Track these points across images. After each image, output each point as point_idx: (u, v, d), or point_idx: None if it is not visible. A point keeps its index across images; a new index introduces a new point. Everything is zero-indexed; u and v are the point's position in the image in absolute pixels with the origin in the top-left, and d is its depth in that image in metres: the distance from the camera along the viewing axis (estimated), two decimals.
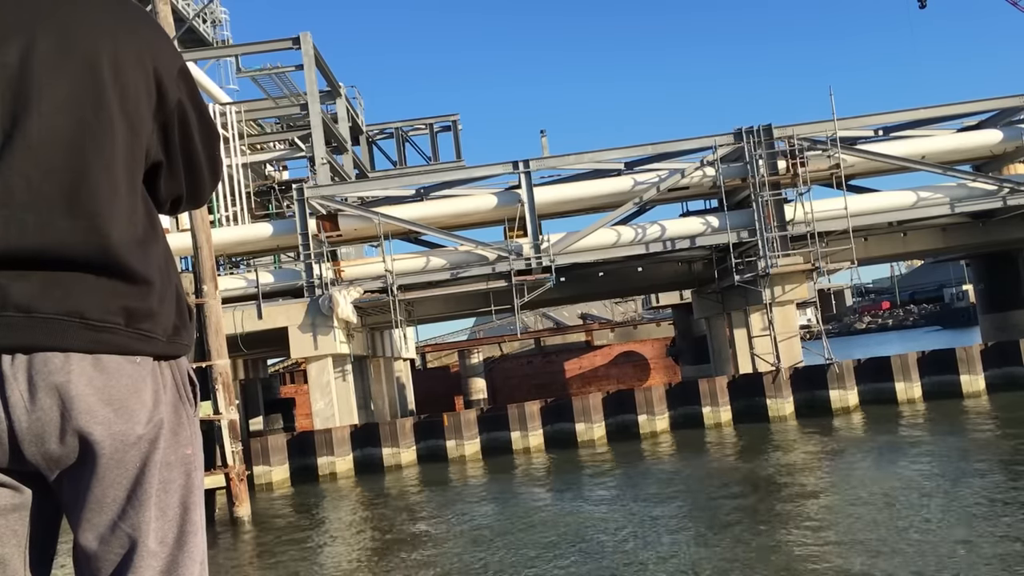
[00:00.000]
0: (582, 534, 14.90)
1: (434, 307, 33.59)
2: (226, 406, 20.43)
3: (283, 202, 38.35)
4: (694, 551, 13.02)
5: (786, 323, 29.18)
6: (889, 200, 30.48)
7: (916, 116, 31.28)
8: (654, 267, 33.10)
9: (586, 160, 31.11)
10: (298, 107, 35.69)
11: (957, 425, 23.43)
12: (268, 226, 32.10)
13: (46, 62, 1.55)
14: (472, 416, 28.28)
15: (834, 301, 40.02)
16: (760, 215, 28.98)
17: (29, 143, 1.52)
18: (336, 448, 26.86)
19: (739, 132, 29.48)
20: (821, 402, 27.89)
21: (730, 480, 19.23)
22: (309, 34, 33.89)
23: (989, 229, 31.79)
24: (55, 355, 1.51)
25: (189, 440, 1.67)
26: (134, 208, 1.61)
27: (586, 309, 60.94)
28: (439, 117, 47.87)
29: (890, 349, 48.60)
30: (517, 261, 29.35)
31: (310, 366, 29.10)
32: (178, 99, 1.69)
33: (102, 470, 1.55)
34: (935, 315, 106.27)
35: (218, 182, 1.87)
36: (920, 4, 69.04)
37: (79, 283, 1.54)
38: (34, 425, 1.50)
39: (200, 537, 1.68)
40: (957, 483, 15.71)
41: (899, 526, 13.00)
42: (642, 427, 27.68)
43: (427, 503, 21.10)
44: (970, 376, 28.00)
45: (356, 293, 28.89)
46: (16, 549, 1.59)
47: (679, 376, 43.66)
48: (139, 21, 1.67)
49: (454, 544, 15.63)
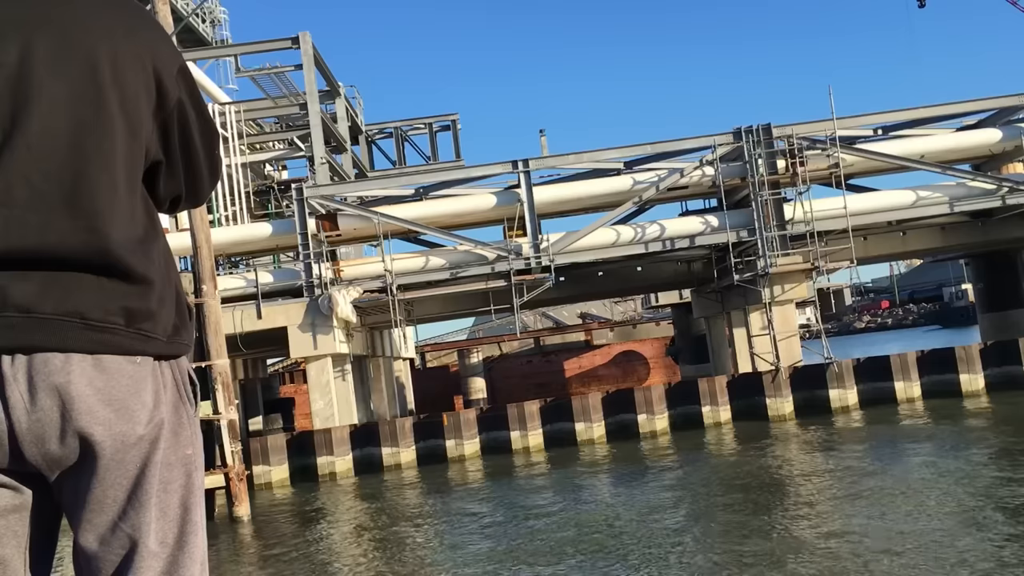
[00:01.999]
0: (582, 534, 14.90)
1: (433, 307, 33.59)
2: (226, 406, 20.43)
3: (282, 202, 38.31)
4: (694, 552, 13.03)
5: (785, 322, 29.18)
6: (888, 199, 30.49)
7: (915, 115, 31.28)
8: (653, 267, 33.11)
9: (585, 160, 31.10)
10: (297, 107, 35.69)
11: (957, 424, 23.44)
12: (267, 226, 32.07)
13: (46, 62, 1.55)
14: (471, 416, 28.27)
15: (833, 300, 39.89)
16: (759, 214, 28.98)
17: (29, 143, 1.52)
18: (336, 448, 26.86)
19: (738, 131, 29.47)
20: (820, 401, 27.89)
21: (730, 480, 19.23)
22: (308, 34, 33.89)
23: (988, 228, 31.81)
24: (55, 356, 1.51)
25: (189, 440, 1.67)
26: (134, 207, 1.61)
27: (585, 309, 60.92)
28: (438, 117, 47.80)
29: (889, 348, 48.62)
30: (516, 261, 29.34)
31: (309, 366, 29.09)
32: (178, 98, 1.68)
33: (102, 471, 1.55)
34: (934, 314, 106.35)
35: (217, 181, 1.87)
36: (919, 3, 69.09)
37: (79, 283, 1.53)
38: (34, 426, 1.50)
39: (201, 537, 1.68)
40: (958, 483, 15.71)
41: (899, 525, 12.99)
42: (641, 427, 27.67)
43: (427, 503, 21.10)
44: (969, 375, 28.01)
45: (355, 293, 28.88)
46: (16, 550, 1.59)
47: (678, 376, 43.64)
48: (138, 20, 1.67)
49: (454, 544, 15.62)
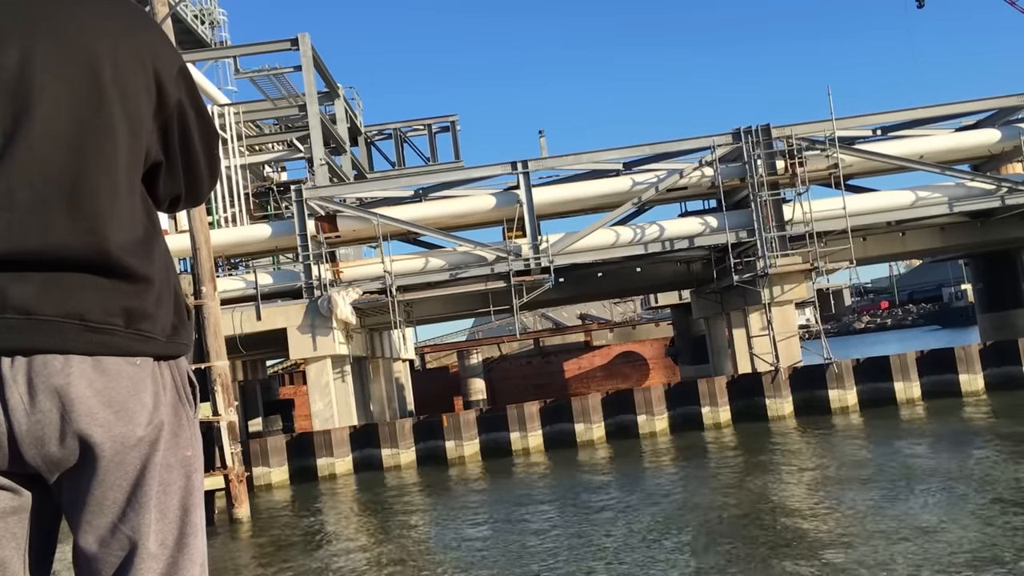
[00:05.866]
0: (582, 535, 14.89)
1: (433, 308, 33.59)
2: (225, 407, 20.42)
3: (282, 203, 38.33)
4: (694, 553, 13.02)
5: (785, 323, 29.18)
6: (887, 200, 30.49)
7: (914, 116, 31.29)
8: (653, 267, 33.10)
9: (584, 160, 31.10)
10: (296, 108, 35.70)
11: (957, 424, 23.43)
12: (267, 227, 32.06)
13: (47, 64, 1.54)
14: (471, 417, 28.25)
15: (833, 301, 39.96)
16: (759, 215, 28.98)
17: (31, 145, 1.52)
18: (335, 449, 26.85)
19: (737, 132, 29.48)
20: (820, 402, 27.88)
21: (730, 480, 19.24)
22: (307, 35, 33.91)
23: (987, 228, 31.82)
24: (55, 357, 1.50)
25: (189, 442, 1.66)
26: (134, 209, 1.61)
27: (585, 309, 60.87)
28: (438, 118, 47.78)
29: (889, 349, 48.63)
30: (516, 262, 29.35)
31: (309, 367, 29.08)
32: (178, 99, 1.69)
33: (102, 472, 1.55)
34: (934, 315, 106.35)
35: (216, 182, 1.87)
36: (918, 3, 69.12)
37: (79, 284, 1.53)
38: (34, 428, 1.50)
39: (200, 539, 1.67)
40: (959, 482, 15.71)
41: (899, 525, 12.99)
42: (641, 427, 27.66)
43: (426, 504, 21.09)
44: (969, 375, 28.00)
45: (355, 294, 28.87)
46: (16, 552, 1.59)
47: (678, 376, 43.62)
48: (139, 21, 1.67)
49: (453, 545, 15.61)
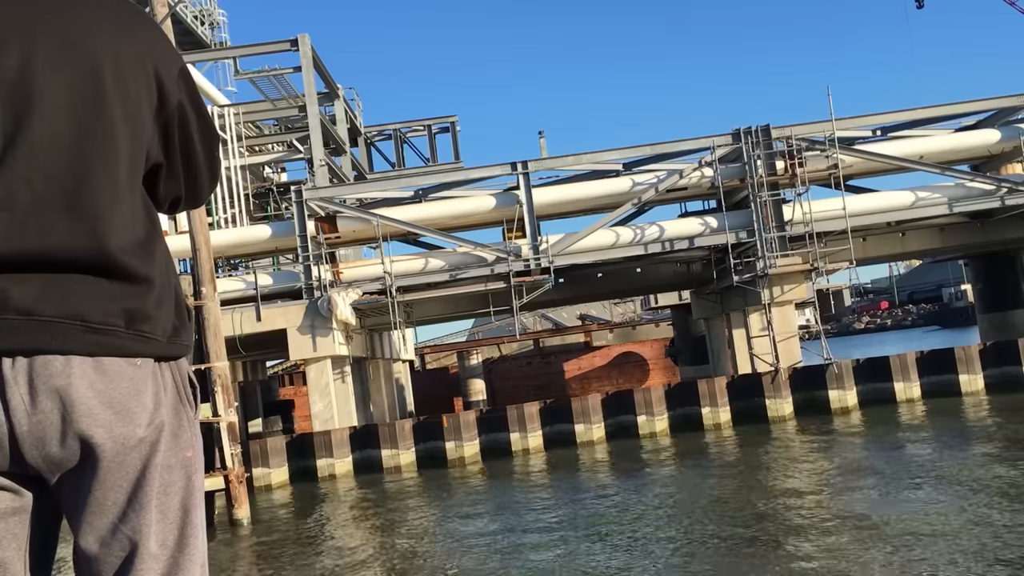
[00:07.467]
0: (582, 535, 14.89)
1: (433, 308, 33.58)
2: (225, 408, 20.41)
3: (282, 204, 38.32)
4: (694, 554, 13.02)
5: (785, 323, 29.18)
6: (887, 200, 30.49)
7: (914, 116, 31.29)
8: (653, 268, 33.09)
9: (584, 161, 31.10)
10: (296, 109, 35.72)
11: (956, 425, 23.43)
12: (267, 228, 32.05)
13: (47, 65, 1.55)
14: (471, 417, 28.24)
15: (833, 301, 39.99)
16: (758, 215, 28.98)
17: (32, 147, 1.52)
18: (335, 450, 26.85)
19: (737, 132, 29.48)
20: (820, 402, 27.89)
21: (730, 481, 19.24)
22: (307, 36, 33.93)
23: (987, 229, 31.81)
24: (56, 358, 1.51)
25: (189, 443, 1.67)
26: (135, 210, 1.61)
27: (585, 310, 60.84)
28: (437, 118, 47.79)
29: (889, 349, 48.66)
30: (516, 262, 29.34)
31: (309, 368, 29.08)
32: (178, 100, 1.69)
33: (103, 473, 1.55)
34: (934, 315, 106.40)
35: (216, 183, 1.87)
36: (918, 4, 69.14)
37: (80, 286, 1.53)
38: (35, 428, 1.50)
39: (201, 539, 1.68)
40: (959, 482, 15.71)
41: (899, 525, 12.99)
42: (641, 428, 27.67)
43: (426, 505, 21.09)
44: (969, 376, 28.02)
45: (355, 295, 28.87)
46: (16, 552, 1.59)
47: (678, 377, 43.58)
48: (139, 23, 1.67)
49: (453, 546, 15.61)
